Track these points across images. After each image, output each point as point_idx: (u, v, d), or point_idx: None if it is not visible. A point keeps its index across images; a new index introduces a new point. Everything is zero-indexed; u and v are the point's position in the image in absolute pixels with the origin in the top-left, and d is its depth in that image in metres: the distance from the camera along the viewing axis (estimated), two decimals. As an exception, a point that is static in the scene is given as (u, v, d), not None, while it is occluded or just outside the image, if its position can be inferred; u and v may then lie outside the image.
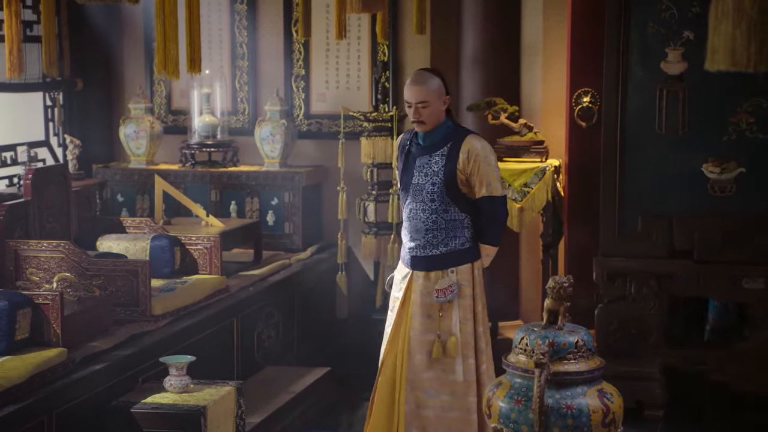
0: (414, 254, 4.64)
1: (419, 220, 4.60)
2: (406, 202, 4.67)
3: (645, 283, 5.89)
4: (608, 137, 5.99)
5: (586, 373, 3.68)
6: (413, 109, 4.55)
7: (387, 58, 7.41)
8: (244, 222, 6.82)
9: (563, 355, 3.69)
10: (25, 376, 4.09)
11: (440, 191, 4.56)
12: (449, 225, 4.60)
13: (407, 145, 4.68)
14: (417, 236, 4.61)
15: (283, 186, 7.18)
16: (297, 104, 7.61)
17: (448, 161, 4.56)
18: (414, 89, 4.56)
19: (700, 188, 5.85)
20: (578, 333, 3.75)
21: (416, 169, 4.61)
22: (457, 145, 4.57)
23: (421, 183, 4.60)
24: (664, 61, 5.86)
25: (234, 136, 7.55)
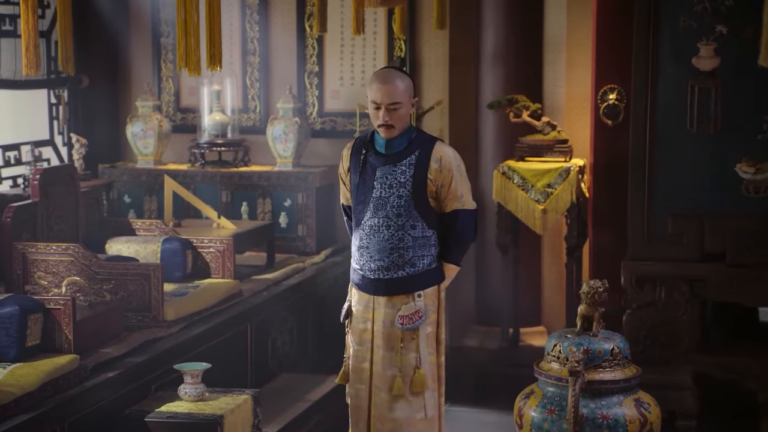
0: (376, 276, 4.28)
1: (382, 238, 4.25)
2: (363, 218, 4.30)
3: (675, 288, 5.88)
4: (637, 136, 5.97)
5: (623, 381, 3.68)
6: (383, 110, 4.20)
7: (404, 53, 7.39)
8: (257, 224, 6.80)
9: (598, 363, 3.68)
10: (37, 383, 4.08)
11: (407, 205, 4.24)
12: (416, 243, 4.28)
13: (362, 154, 4.32)
14: (380, 256, 4.26)
15: (296, 186, 7.16)
16: (310, 102, 7.60)
17: (416, 171, 4.23)
18: (384, 88, 4.20)
19: (733, 189, 5.83)
20: (614, 340, 3.74)
21: (377, 181, 4.26)
22: (427, 152, 4.25)
23: (384, 196, 4.25)
24: (695, 57, 5.85)
25: (245, 135, 7.54)
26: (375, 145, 4.31)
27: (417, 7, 7.33)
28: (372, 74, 4.35)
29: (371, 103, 4.24)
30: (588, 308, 3.75)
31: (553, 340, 3.74)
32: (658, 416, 3.67)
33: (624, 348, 3.70)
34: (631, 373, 3.70)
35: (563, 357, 3.65)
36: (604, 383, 3.64)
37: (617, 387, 3.65)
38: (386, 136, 4.26)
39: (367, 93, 4.28)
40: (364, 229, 4.29)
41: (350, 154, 4.38)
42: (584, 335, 3.74)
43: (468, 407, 6.32)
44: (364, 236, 4.30)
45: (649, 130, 5.94)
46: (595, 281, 3.77)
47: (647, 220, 5.98)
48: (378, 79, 4.23)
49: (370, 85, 4.26)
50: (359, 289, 4.37)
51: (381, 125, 4.24)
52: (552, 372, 3.67)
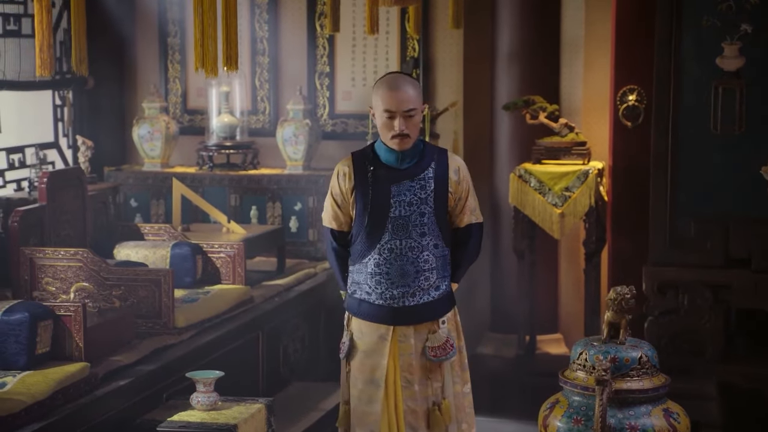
0: (399, 304, 4.03)
1: (406, 261, 4.02)
2: (379, 242, 4.03)
3: (699, 295, 5.86)
4: (659, 138, 5.97)
5: (651, 391, 3.67)
6: (398, 119, 3.95)
7: (417, 54, 7.39)
8: (267, 228, 6.80)
9: (625, 372, 3.67)
10: (48, 392, 4.08)
11: (431, 222, 4.04)
12: (439, 263, 4.10)
13: (369, 171, 4.04)
14: (404, 281, 4.03)
15: (306, 190, 7.16)
16: (321, 103, 7.60)
17: (438, 185, 4.04)
18: (398, 95, 3.96)
19: (758, 192, 5.81)
20: (641, 348, 3.73)
21: (394, 199, 4.01)
22: (443, 164, 4.07)
23: (405, 215, 4.02)
24: (719, 57, 5.84)
25: (254, 137, 7.54)
26: (381, 160, 4.05)
27: (430, 6, 7.33)
28: (378, 82, 4.07)
29: (384, 113, 3.98)
30: (615, 315, 3.74)
31: (578, 348, 3.73)
32: (688, 427, 3.66)
33: (652, 356, 3.70)
34: (660, 382, 3.68)
35: (589, 365, 3.64)
36: (632, 392, 3.63)
37: (645, 396, 3.64)
38: (401, 147, 4.01)
39: (375, 102, 4.02)
40: (381, 254, 4.03)
41: (353, 171, 4.07)
42: (611, 343, 3.73)
43: (485, 417, 6.30)
44: (383, 261, 4.03)
45: (671, 132, 5.93)
46: (622, 287, 3.75)
47: (670, 225, 5.97)
48: (388, 86, 4.00)
49: (379, 93, 4.01)
50: (371, 320, 4.09)
51: (396, 136, 3.98)
52: (578, 381, 3.66)
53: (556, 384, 6.09)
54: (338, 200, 4.10)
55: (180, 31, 7.78)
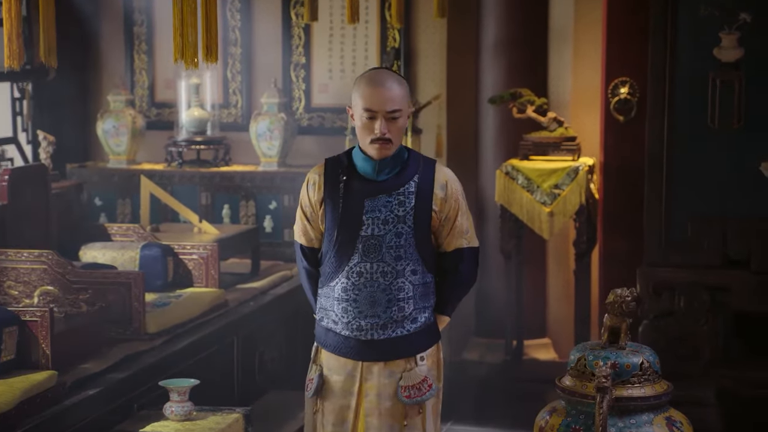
0: (368, 337, 3.65)
1: (377, 287, 3.63)
2: (347, 264, 3.64)
3: (696, 297, 5.89)
4: (654, 133, 5.99)
5: (653, 398, 3.66)
6: (380, 121, 3.56)
7: (398, 44, 7.38)
8: (240, 228, 6.77)
9: (626, 379, 3.66)
10: (13, 402, 4.03)
11: (409, 244, 3.64)
12: (418, 292, 3.69)
13: (341, 181, 3.65)
14: (373, 311, 3.63)
15: (282, 188, 7.13)
16: (297, 96, 7.58)
17: (419, 201, 3.64)
18: (381, 93, 3.57)
19: (757, 190, 5.85)
20: (642, 353, 3.73)
21: (367, 215, 3.62)
22: (428, 177, 3.67)
23: (378, 234, 3.62)
24: (717, 47, 5.87)
25: (226, 132, 7.50)
26: (357, 169, 3.65)
27: (411, -6, 7.33)
28: (359, 78, 3.66)
29: (363, 113, 3.57)
30: (614, 319, 3.74)
31: (577, 353, 3.72)
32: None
33: (654, 362, 3.69)
34: (662, 389, 3.68)
35: (589, 372, 3.63)
36: (633, 400, 3.62)
37: (647, 404, 3.63)
38: (381, 155, 3.60)
39: (354, 101, 3.62)
40: (349, 278, 3.63)
41: (323, 180, 3.68)
42: (611, 348, 3.72)
43: (470, 426, 6.30)
44: (350, 287, 3.64)
45: (666, 127, 5.95)
46: (622, 290, 3.75)
47: (665, 224, 6.00)
48: (371, 82, 3.59)
49: (359, 90, 3.60)
50: (339, 354, 3.70)
51: (376, 140, 3.57)
52: (576, 388, 3.64)
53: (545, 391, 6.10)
54: (307, 212, 3.72)
55: (147, 19, 7.73)
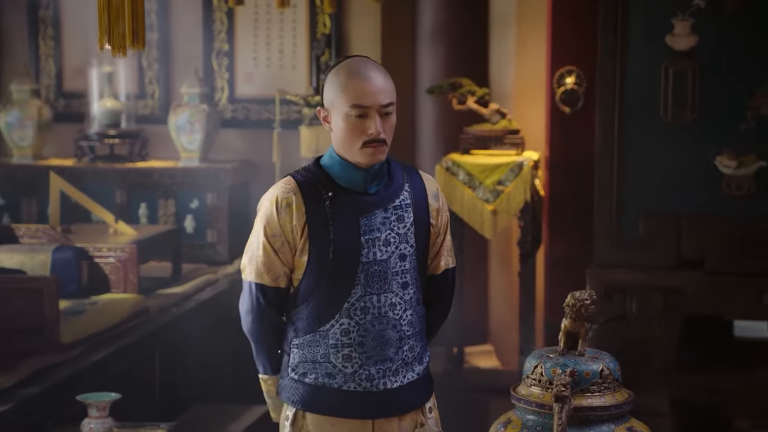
0: (379, 387, 3.25)
1: (387, 324, 3.24)
2: (346, 300, 3.22)
3: (648, 299, 5.94)
4: (603, 126, 6.03)
5: (614, 408, 3.65)
6: (374, 118, 3.16)
7: (329, 30, 7.37)
8: (160, 229, 6.75)
9: (585, 387, 3.65)
10: None
11: (413, 268, 3.28)
12: (422, 325, 3.37)
13: (325, 199, 3.20)
14: (384, 354, 3.24)
15: (204, 185, 7.11)
16: (219, 86, 7.54)
17: (417, 214, 3.30)
18: (372, 84, 3.17)
19: (712, 186, 5.91)
20: (602, 360, 3.72)
21: (364, 236, 3.22)
22: (418, 184, 3.34)
23: (381, 258, 3.23)
24: (669, 34, 5.91)
25: (142, 125, 7.47)
26: (339, 182, 3.22)
27: (343, -23, 7.32)
28: (335, 69, 3.21)
29: (351, 110, 3.14)
30: (573, 323, 3.72)
31: (533, 360, 3.70)
32: (654, 447, 3.67)
33: (615, 369, 3.68)
34: (623, 398, 3.67)
35: (546, 380, 3.62)
36: (593, 410, 3.60)
37: (608, 414, 3.62)
38: (374, 160, 3.20)
39: (332, 97, 3.19)
40: (352, 316, 3.21)
41: (301, 200, 3.19)
42: (569, 354, 3.71)
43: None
44: (354, 328, 3.21)
45: (617, 119, 5.99)
46: (581, 292, 3.73)
47: (615, 222, 6.03)
48: (355, 73, 3.16)
49: (340, 84, 3.17)
50: (340, 415, 3.25)
51: (371, 142, 3.16)
52: (533, 398, 3.62)
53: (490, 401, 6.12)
54: (277, 243, 3.20)
55: (53, 2, 7.62)
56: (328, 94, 3.22)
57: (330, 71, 3.24)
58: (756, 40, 5.85)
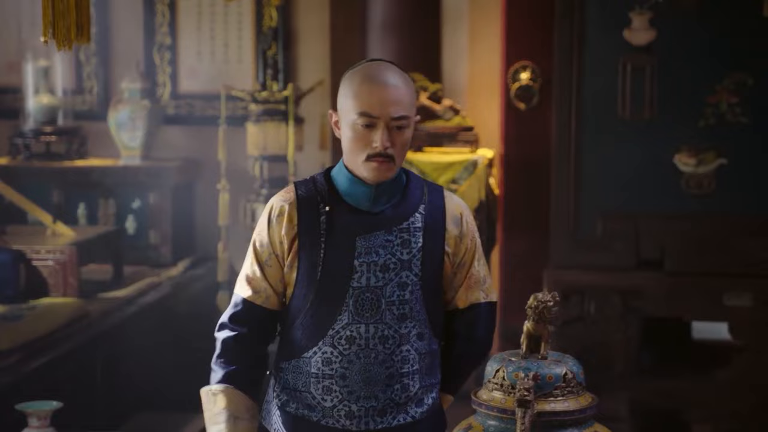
0: (361, 428, 3.04)
1: (375, 358, 3.01)
2: (332, 326, 3.01)
3: (607, 301, 5.98)
4: (560, 123, 6.07)
5: (577, 412, 3.66)
6: (381, 131, 2.93)
7: (276, 24, 7.34)
8: (100, 230, 6.71)
9: (549, 391, 3.67)
10: None
11: (416, 299, 3.03)
12: (425, 363, 3.10)
13: (321, 213, 3.01)
14: (369, 391, 3.02)
15: (146, 184, 7.06)
16: (162, 81, 7.49)
17: (428, 240, 3.05)
18: (386, 92, 2.94)
19: (671, 184, 5.98)
20: (566, 363, 3.73)
21: (359, 259, 3.01)
22: (438, 207, 3.08)
23: (376, 285, 3.01)
24: (627, 29, 5.96)
25: (80, 122, 7.40)
26: (343, 197, 3.03)
27: (289, -32, 7.31)
28: (351, 72, 3.01)
29: (358, 118, 2.93)
30: (535, 326, 3.73)
31: (495, 364, 3.71)
32: (619, 453, 3.70)
33: (578, 372, 3.70)
34: (587, 402, 3.69)
35: (508, 384, 3.63)
36: (557, 414, 3.61)
37: (572, 419, 3.63)
38: (379, 177, 2.98)
39: (343, 102, 2.99)
40: (335, 345, 3.00)
41: (295, 210, 3.00)
42: (532, 358, 3.73)
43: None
44: (337, 358, 3.00)
45: (574, 117, 6.03)
46: (544, 293, 3.74)
47: (573, 222, 6.08)
48: (369, 78, 2.96)
49: (352, 89, 2.97)
50: None
51: (375, 156, 2.94)
52: (494, 403, 3.63)
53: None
54: (263, 255, 3.02)
55: (-19, -9, 7.54)
56: (339, 98, 3.02)
57: (347, 73, 3.03)
58: (715, 34, 5.92)
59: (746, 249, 5.91)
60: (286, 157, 6.90)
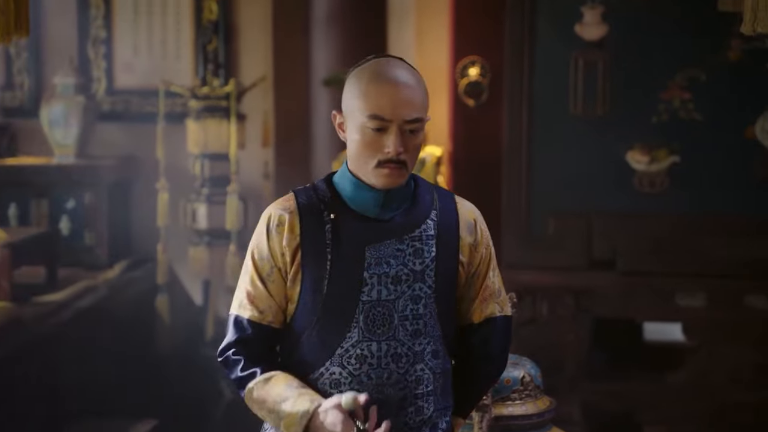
0: None
1: (387, 378, 2.85)
2: (341, 343, 2.84)
3: (559, 302, 6.02)
4: (512, 120, 6.10)
5: (535, 416, 3.73)
6: (394, 135, 2.79)
7: (216, 17, 7.31)
8: (32, 231, 6.60)
9: (506, 395, 3.71)
10: None
11: (429, 314, 2.88)
12: (439, 384, 2.93)
13: (326, 222, 2.87)
14: (382, 415, 2.81)
15: (81, 184, 6.98)
16: (96, 76, 7.44)
17: (442, 248, 2.89)
18: (398, 92, 2.80)
19: (624, 183, 6.03)
20: (523, 366, 3.79)
21: (369, 270, 2.85)
22: (450, 213, 2.93)
23: (387, 298, 2.85)
24: (579, 23, 6.00)
25: (10, 119, 7.35)
26: (348, 203, 2.88)
27: (230, -41, 7.29)
28: (359, 70, 2.87)
29: (368, 121, 2.78)
30: (492, 328, 3.77)
31: (451, 368, 3.75)
32: (577, 457, 3.74)
33: (536, 375, 3.76)
34: (545, 406, 3.75)
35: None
36: (515, 419, 3.68)
37: (530, 423, 3.69)
38: (389, 183, 2.84)
39: (351, 102, 2.83)
40: (345, 365, 2.84)
41: (297, 219, 2.87)
42: (488, 361, 3.76)
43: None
44: (346, 379, 2.84)
45: (525, 113, 6.06)
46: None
47: (524, 221, 6.11)
48: (380, 77, 2.81)
49: (361, 88, 2.82)
50: None
51: (387, 162, 2.81)
52: (451, 407, 3.66)
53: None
54: (264, 269, 2.88)
55: None
56: (345, 98, 2.86)
57: (353, 70, 2.88)
58: (668, 29, 5.98)
59: (699, 248, 5.96)
60: (228, 155, 6.88)
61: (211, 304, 7.01)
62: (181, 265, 7.21)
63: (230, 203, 6.85)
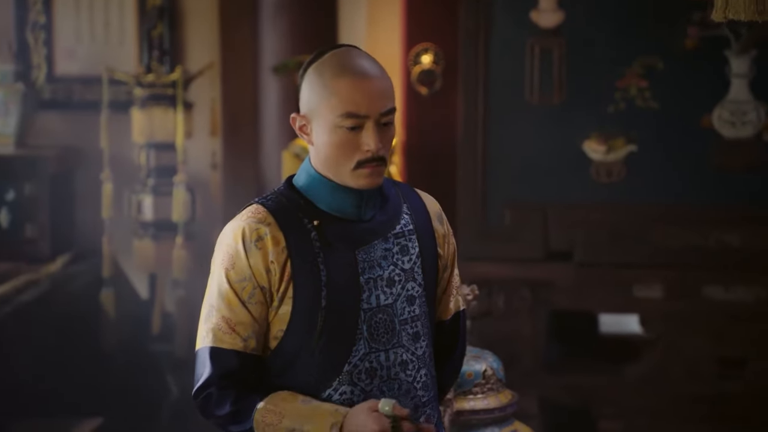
0: None
1: (400, 388, 2.74)
2: (348, 359, 2.69)
3: (516, 294, 6.07)
4: (467, 108, 6.14)
5: (497, 410, 3.77)
6: (372, 131, 2.68)
7: (161, 2, 7.29)
8: (-29, 224, 6.58)
9: (468, 389, 3.76)
10: None
11: (423, 313, 2.80)
12: (433, 383, 2.85)
13: (309, 230, 2.71)
14: None
15: (21, 174, 6.95)
16: (36, 63, 7.40)
17: (423, 242, 2.82)
18: (371, 84, 2.70)
19: (580, 173, 6.08)
20: (485, 359, 3.84)
21: (364, 275, 2.73)
22: (418, 205, 2.86)
23: (386, 303, 2.75)
24: (534, 10, 6.05)
25: (-54, 108, 7.27)
26: (327, 208, 2.74)
27: (174, -59, 7.28)
28: (321, 63, 2.72)
29: (343, 120, 2.66)
30: (453, 321, 3.82)
31: (412, 361, 3.79)
32: (539, 451, 3.79)
33: (498, 369, 3.81)
34: (507, 400, 3.80)
35: (425, 382, 3.69)
36: (476, 413, 3.72)
37: (491, 417, 3.74)
38: (371, 184, 2.72)
39: (318, 99, 2.69)
40: (356, 382, 2.69)
41: (280, 232, 2.69)
42: (449, 354, 3.80)
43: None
44: (359, 396, 2.69)
45: (481, 102, 6.10)
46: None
47: (480, 212, 6.15)
48: (350, 70, 2.69)
49: (331, 83, 2.68)
50: None
51: (368, 162, 2.68)
52: (412, 402, 3.70)
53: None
54: (245, 292, 2.68)
55: None
56: (307, 98, 2.71)
57: (309, 67, 2.72)
58: (625, 16, 6.04)
59: (657, 239, 6.03)
60: (174, 145, 6.87)
61: (157, 298, 7.00)
62: (126, 258, 7.19)
63: (177, 194, 6.84)
